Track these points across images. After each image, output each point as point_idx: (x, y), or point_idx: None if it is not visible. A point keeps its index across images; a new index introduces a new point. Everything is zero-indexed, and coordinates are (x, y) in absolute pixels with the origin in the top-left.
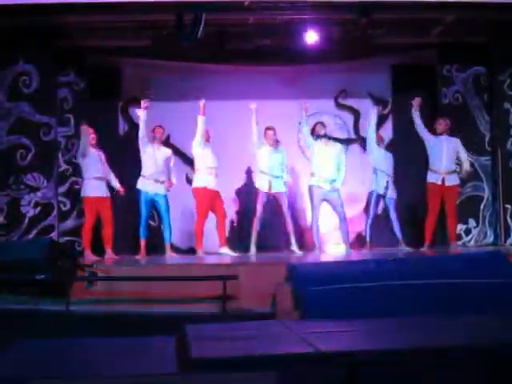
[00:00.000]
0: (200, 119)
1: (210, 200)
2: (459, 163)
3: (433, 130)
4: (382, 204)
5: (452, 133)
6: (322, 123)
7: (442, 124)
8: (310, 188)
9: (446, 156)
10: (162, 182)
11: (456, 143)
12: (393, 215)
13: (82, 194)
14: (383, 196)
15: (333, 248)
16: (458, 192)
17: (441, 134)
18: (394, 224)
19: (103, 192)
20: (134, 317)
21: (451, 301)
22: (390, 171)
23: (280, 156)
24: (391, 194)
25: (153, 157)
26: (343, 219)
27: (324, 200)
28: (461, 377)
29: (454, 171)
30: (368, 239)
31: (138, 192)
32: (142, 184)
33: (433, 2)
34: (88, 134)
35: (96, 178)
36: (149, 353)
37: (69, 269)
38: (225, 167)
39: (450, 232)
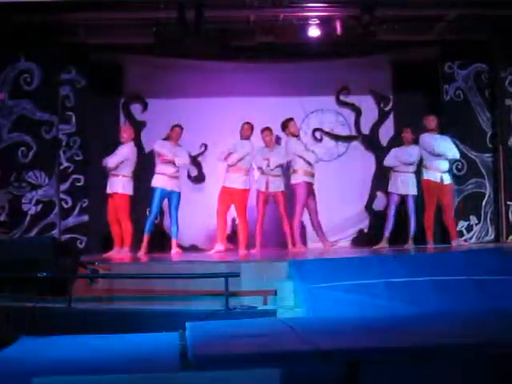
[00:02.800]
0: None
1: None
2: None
3: (423, 127)
4: (397, 200)
5: (452, 130)
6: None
7: (434, 121)
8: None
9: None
10: (178, 179)
11: (448, 141)
12: (411, 212)
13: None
14: (402, 194)
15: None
16: (453, 190)
17: (432, 131)
18: (411, 220)
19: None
20: (136, 314)
21: (452, 297)
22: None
23: (277, 155)
24: (410, 190)
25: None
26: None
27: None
28: (461, 375)
29: (450, 169)
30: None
31: (153, 189)
32: (159, 181)
33: None
34: None
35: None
36: (151, 350)
37: (70, 266)
38: (225, 164)
39: (451, 229)
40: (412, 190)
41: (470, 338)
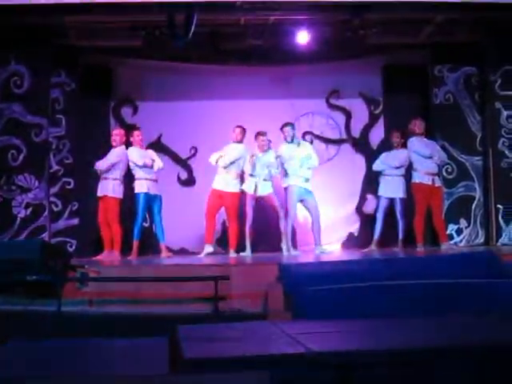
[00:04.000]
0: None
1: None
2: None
3: (409, 131)
4: (386, 204)
5: (442, 133)
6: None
7: (420, 125)
8: (287, 188)
9: (432, 157)
10: (157, 182)
11: (435, 145)
12: (400, 215)
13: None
14: (391, 197)
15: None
16: (443, 192)
17: (419, 135)
18: (400, 224)
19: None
20: (126, 317)
21: (443, 301)
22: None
23: (268, 159)
24: (399, 193)
25: (147, 158)
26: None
27: (300, 201)
28: (455, 378)
29: (440, 172)
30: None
31: (137, 195)
32: (142, 186)
33: (424, 2)
34: None
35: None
36: (140, 353)
37: (60, 269)
38: (216, 167)
39: (441, 232)
40: (400, 193)
41: (463, 341)
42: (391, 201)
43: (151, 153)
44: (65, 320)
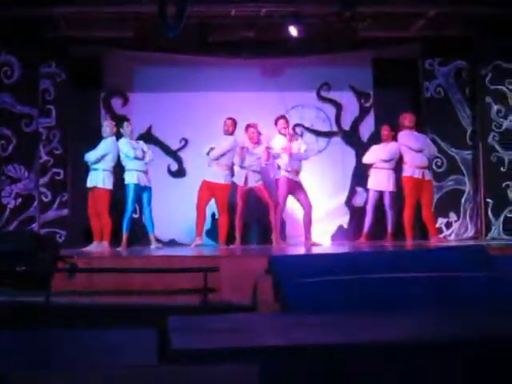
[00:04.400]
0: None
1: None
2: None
3: (400, 124)
4: (375, 197)
5: (432, 127)
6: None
7: (410, 118)
8: (278, 180)
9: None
10: (147, 173)
11: (426, 138)
12: (389, 208)
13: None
14: (380, 190)
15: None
16: (433, 186)
17: (409, 128)
18: (388, 217)
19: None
20: (115, 308)
21: (432, 295)
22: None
23: (259, 151)
24: (388, 186)
25: (138, 149)
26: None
27: (291, 193)
28: (445, 373)
29: (430, 166)
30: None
31: (127, 186)
32: (133, 177)
33: None
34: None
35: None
36: (129, 345)
37: (49, 260)
38: (206, 159)
39: (431, 226)
40: (390, 187)
41: (454, 335)
42: (380, 194)
43: (142, 144)
44: (54, 311)
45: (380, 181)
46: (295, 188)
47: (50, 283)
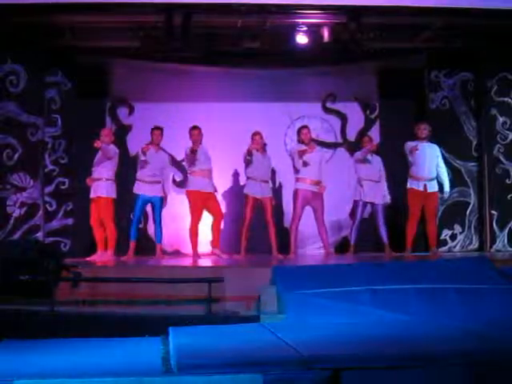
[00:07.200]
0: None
1: (202, 202)
2: (440, 173)
3: (414, 136)
4: (368, 209)
5: (438, 138)
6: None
7: (426, 129)
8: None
9: (428, 162)
10: (159, 184)
11: (436, 150)
12: (380, 220)
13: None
14: (370, 202)
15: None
16: (438, 198)
17: (423, 140)
18: (380, 229)
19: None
20: (120, 318)
21: (437, 305)
22: (376, 176)
23: (267, 161)
24: (379, 199)
25: (151, 159)
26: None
27: (307, 204)
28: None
29: (435, 178)
30: (353, 243)
31: (136, 196)
32: (139, 188)
33: (421, 7)
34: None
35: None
36: (134, 354)
37: (54, 269)
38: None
39: (432, 238)
40: (380, 199)
41: (455, 347)
42: (372, 206)
43: (161, 153)
44: (58, 320)
45: (367, 193)
46: (313, 199)
47: (54, 292)
